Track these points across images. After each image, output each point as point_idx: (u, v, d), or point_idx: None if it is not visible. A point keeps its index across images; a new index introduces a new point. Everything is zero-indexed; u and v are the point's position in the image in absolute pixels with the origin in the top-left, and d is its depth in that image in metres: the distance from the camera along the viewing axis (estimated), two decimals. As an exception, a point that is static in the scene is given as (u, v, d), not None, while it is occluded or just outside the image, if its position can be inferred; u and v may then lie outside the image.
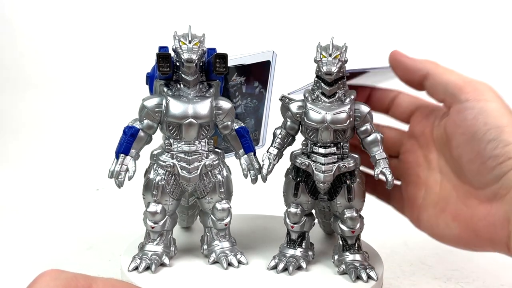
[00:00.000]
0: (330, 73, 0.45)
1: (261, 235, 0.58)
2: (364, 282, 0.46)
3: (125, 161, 0.47)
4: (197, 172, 0.48)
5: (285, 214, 0.51)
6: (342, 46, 0.47)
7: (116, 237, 0.70)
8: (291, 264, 0.49)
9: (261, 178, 0.50)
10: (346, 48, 0.47)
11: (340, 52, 0.46)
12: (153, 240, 0.50)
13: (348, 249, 0.49)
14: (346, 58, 0.46)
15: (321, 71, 0.46)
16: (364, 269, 0.47)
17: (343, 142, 0.48)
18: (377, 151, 0.48)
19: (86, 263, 0.63)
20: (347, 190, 0.48)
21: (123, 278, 0.48)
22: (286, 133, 0.50)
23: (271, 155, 0.50)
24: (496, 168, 0.38)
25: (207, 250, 0.51)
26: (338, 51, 0.46)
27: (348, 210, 0.48)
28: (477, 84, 0.42)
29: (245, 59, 0.53)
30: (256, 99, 0.56)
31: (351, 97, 0.47)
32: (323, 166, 0.47)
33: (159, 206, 0.49)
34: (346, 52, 0.47)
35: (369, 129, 0.48)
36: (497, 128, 0.38)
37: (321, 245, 0.56)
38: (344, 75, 0.47)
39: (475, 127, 0.40)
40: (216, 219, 0.50)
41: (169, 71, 0.46)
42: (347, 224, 0.48)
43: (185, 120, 0.47)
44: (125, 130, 0.48)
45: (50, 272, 0.33)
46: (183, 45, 0.46)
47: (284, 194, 0.51)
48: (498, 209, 0.38)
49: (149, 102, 0.48)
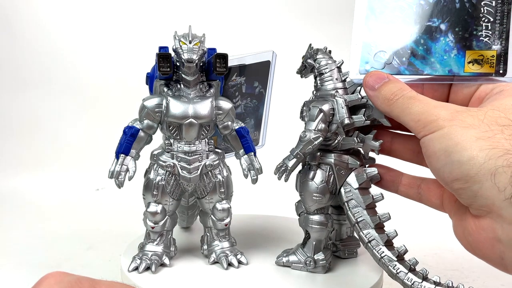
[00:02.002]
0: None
1: (261, 235, 0.58)
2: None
3: (125, 161, 0.47)
4: (197, 172, 0.48)
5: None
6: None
7: (116, 237, 0.70)
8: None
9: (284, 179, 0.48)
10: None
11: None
12: (153, 240, 0.50)
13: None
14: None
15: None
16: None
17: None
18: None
19: (86, 263, 0.63)
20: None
21: (123, 278, 0.48)
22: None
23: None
24: (465, 190, 0.36)
25: (207, 250, 0.51)
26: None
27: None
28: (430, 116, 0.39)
29: (245, 59, 0.53)
30: (256, 99, 0.56)
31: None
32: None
33: (159, 206, 0.49)
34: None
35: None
36: (445, 150, 0.37)
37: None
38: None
39: (430, 159, 0.39)
40: (216, 219, 0.50)
41: (169, 71, 0.46)
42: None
43: (186, 120, 0.47)
44: (125, 130, 0.48)
45: (54, 274, 0.33)
46: (183, 45, 0.46)
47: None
48: (486, 226, 0.37)
49: (149, 102, 0.48)
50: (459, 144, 0.36)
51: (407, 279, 0.43)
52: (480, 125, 0.36)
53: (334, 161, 0.48)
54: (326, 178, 0.48)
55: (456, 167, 0.36)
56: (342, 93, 0.47)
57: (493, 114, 0.37)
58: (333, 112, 0.46)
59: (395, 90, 0.42)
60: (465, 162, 0.35)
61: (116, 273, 0.50)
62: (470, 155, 0.35)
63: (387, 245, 0.45)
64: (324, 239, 0.49)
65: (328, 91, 0.47)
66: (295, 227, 0.53)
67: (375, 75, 0.43)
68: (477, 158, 0.35)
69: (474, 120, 0.37)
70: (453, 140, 0.36)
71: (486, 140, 0.35)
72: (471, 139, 0.36)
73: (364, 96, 0.46)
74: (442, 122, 0.38)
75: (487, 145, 0.35)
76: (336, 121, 0.46)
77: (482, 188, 0.35)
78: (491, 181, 0.34)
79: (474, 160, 0.35)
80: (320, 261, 0.48)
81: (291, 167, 0.46)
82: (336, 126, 0.46)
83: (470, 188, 0.35)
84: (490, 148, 0.35)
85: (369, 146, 0.47)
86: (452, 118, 0.38)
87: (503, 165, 0.34)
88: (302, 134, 0.46)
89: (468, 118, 0.37)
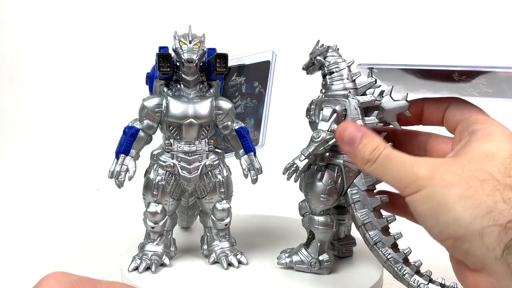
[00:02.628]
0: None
1: (261, 235, 0.58)
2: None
3: (125, 161, 0.47)
4: (197, 172, 0.48)
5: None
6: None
7: (116, 237, 0.70)
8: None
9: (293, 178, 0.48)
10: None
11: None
12: (153, 240, 0.50)
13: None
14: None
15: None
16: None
17: None
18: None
19: (86, 263, 0.63)
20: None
21: (123, 278, 0.48)
22: None
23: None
24: (456, 248, 0.36)
25: (207, 250, 0.51)
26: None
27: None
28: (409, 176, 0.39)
29: (245, 59, 0.53)
30: (256, 99, 0.56)
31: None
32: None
33: (159, 206, 0.49)
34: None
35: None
36: (431, 212, 0.36)
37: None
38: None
39: (418, 219, 0.38)
40: (216, 219, 0.50)
41: (169, 71, 0.46)
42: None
43: (186, 120, 0.47)
44: (125, 130, 0.48)
45: (55, 274, 0.33)
46: (183, 45, 0.46)
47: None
48: (483, 280, 0.36)
49: (149, 102, 0.48)
50: (444, 205, 0.36)
51: (413, 281, 0.43)
52: (460, 182, 0.36)
53: (343, 162, 0.47)
54: (334, 179, 0.47)
55: (445, 228, 0.36)
56: (354, 94, 0.46)
57: (470, 168, 0.37)
58: (345, 113, 0.46)
59: (372, 148, 0.41)
60: (452, 223, 0.35)
61: (116, 273, 0.50)
62: (456, 216, 0.35)
63: (393, 247, 0.45)
64: (328, 240, 0.49)
65: (338, 91, 0.46)
66: (295, 227, 0.53)
67: (350, 127, 0.43)
68: (463, 218, 0.35)
69: (453, 177, 0.37)
70: (437, 201, 0.36)
71: (468, 199, 0.35)
72: (454, 199, 0.35)
73: (377, 98, 0.46)
74: (423, 181, 0.37)
75: (470, 204, 0.35)
76: None
77: (472, 246, 0.34)
78: (480, 240, 0.34)
79: (460, 221, 0.35)
80: (325, 262, 0.48)
81: (302, 167, 0.45)
82: None
83: (461, 246, 0.35)
84: (474, 207, 0.35)
85: None
86: (431, 176, 0.37)
87: (489, 225, 0.34)
88: (315, 135, 0.45)
89: (447, 175, 0.37)
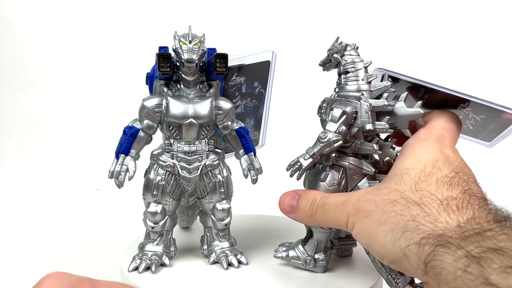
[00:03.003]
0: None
1: (261, 235, 0.58)
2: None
3: (125, 161, 0.47)
4: (197, 172, 0.48)
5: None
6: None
7: (116, 237, 0.70)
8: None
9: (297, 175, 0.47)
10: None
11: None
12: (153, 240, 0.50)
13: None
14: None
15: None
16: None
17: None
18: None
19: (86, 263, 0.63)
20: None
21: (123, 278, 0.48)
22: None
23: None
24: (399, 268, 0.37)
25: (207, 250, 0.51)
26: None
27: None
28: (342, 217, 0.41)
29: (245, 59, 0.53)
30: (256, 99, 0.56)
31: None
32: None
33: (159, 206, 0.49)
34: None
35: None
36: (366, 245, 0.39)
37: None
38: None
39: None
40: (216, 219, 0.50)
41: (169, 71, 0.46)
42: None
43: (186, 120, 0.47)
44: (125, 130, 0.48)
45: (55, 274, 0.33)
46: (183, 45, 0.46)
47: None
48: None
49: (149, 102, 0.48)
50: (371, 235, 0.37)
51: None
52: (377, 210, 0.38)
53: (349, 164, 0.46)
54: (338, 181, 0.47)
55: (379, 255, 0.37)
56: (367, 96, 0.45)
57: (385, 191, 0.39)
58: (355, 116, 0.45)
59: (309, 205, 0.44)
60: (380, 250, 0.37)
61: (116, 273, 0.50)
62: (381, 243, 0.36)
63: None
64: (325, 240, 0.49)
65: (352, 92, 0.45)
66: (295, 227, 0.53)
67: (287, 198, 0.46)
68: (387, 244, 0.36)
69: (371, 206, 0.38)
70: (366, 233, 0.38)
71: (384, 224, 0.36)
72: (375, 227, 0.37)
73: (390, 103, 0.45)
74: (352, 219, 0.39)
75: (387, 228, 0.36)
76: (357, 125, 0.45)
77: (405, 267, 0.35)
78: (406, 261, 0.35)
79: (386, 247, 0.36)
80: (320, 261, 0.48)
81: (305, 166, 0.45)
82: (357, 130, 0.45)
83: (400, 267, 0.36)
84: (390, 231, 0.36)
85: (386, 154, 0.46)
86: (357, 212, 0.39)
87: (407, 245, 0.34)
88: (322, 135, 0.44)
89: (367, 205, 0.39)
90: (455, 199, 0.36)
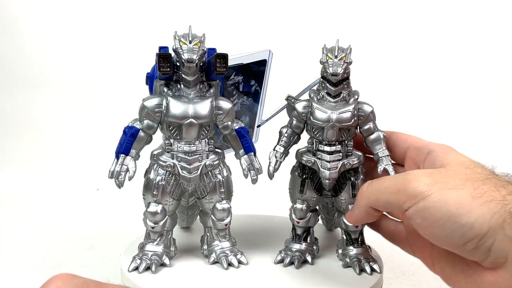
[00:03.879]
0: (336, 74, 0.47)
1: (261, 235, 0.58)
2: (368, 275, 0.48)
3: (125, 161, 0.47)
4: (197, 172, 0.48)
5: (291, 210, 0.52)
6: (347, 48, 0.49)
7: (116, 237, 0.70)
8: (297, 258, 0.50)
9: (268, 175, 0.51)
10: (351, 50, 0.48)
11: (345, 54, 0.48)
12: (153, 240, 0.50)
13: (351, 243, 0.51)
14: (351, 60, 0.48)
15: (327, 72, 0.48)
16: (368, 262, 0.49)
17: (347, 140, 0.49)
18: (380, 148, 0.50)
19: (86, 263, 0.63)
20: (351, 186, 0.50)
21: (123, 278, 0.48)
22: (292, 132, 0.51)
23: (278, 153, 0.51)
24: (479, 248, 0.36)
25: (207, 250, 0.51)
26: (343, 53, 0.48)
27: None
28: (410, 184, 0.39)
29: (242, 59, 0.53)
30: (252, 97, 0.57)
31: (355, 97, 0.49)
32: (328, 164, 0.49)
33: (159, 206, 0.49)
34: (351, 54, 0.48)
35: (372, 127, 0.50)
36: (450, 217, 0.36)
37: (323, 240, 0.56)
38: (348, 76, 0.49)
39: (431, 229, 0.38)
40: (216, 219, 0.50)
41: (169, 71, 0.46)
42: None
43: (186, 120, 0.47)
44: (125, 130, 0.48)
45: (62, 276, 0.33)
46: (183, 45, 0.46)
47: (290, 190, 0.53)
48: (503, 276, 0.36)
49: (149, 102, 0.48)
50: (461, 207, 0.36)
51: None
52: (465, 184, 0.37)
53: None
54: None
55: (467, 229, 0.36)
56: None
57: (466, 172, 0.39)
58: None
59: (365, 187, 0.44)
60: (474, 222, 0.36)
61: (116, 273, 0.50)
62: (476, 214, 0.36)
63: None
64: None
65: None
66: (295, 227, 0.53)
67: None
68: (484, 216, 0.36)
69: (456, 181, 0.38)
70: (450, 204, 0.37)
71: (481, 197, 0.36)
72: (468, 200, 0.36)
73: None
74: (426, 188, 0.38)
75: (484, 201, 0.36)
76: None
77: (496, 241, 0.35)
78: (503, 233, 0.35)
79: (483, 218, 0.36)
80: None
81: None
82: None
83: (485, 244, 0.36)
84: (488, 201, 0.36)
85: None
86: (433, 183, 0.38)
87: (507, 216, 0.35)
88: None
89: (450, 180, 0.38)
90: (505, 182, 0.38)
